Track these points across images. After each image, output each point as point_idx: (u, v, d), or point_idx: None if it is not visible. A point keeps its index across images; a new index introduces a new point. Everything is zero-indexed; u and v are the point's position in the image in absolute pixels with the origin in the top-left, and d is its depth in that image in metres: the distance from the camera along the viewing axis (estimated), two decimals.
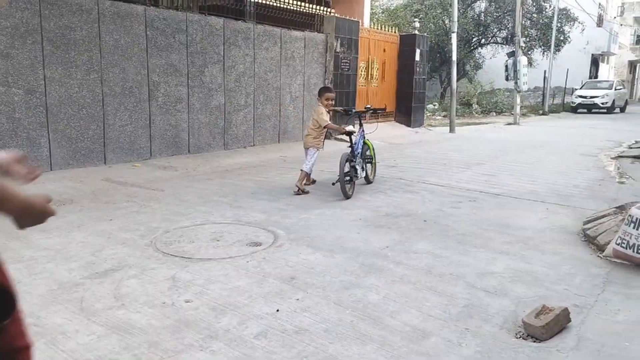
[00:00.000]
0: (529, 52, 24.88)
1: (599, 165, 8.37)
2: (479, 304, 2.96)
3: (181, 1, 8.52)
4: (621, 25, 38.18)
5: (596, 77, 32.77)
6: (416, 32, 14.22)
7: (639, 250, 3.49)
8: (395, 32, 14.25)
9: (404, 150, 9.98)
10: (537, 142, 11.58)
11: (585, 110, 24.76)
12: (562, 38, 25.26)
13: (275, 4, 10.04)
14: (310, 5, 10.93)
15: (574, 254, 3.89)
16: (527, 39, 24.22)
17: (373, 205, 5.29)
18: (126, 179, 6.31)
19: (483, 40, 26.59)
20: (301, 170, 5.94)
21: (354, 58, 11.45)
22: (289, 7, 10.32)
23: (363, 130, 6.35)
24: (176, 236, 4.08)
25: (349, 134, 5.99)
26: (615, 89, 25.22)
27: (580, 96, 24.80)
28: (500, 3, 24.87)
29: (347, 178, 5.63)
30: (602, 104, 24.16)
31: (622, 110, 26.13)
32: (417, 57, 13.89)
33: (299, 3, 10.84)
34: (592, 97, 24.37)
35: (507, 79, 17.96)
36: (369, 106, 6.88)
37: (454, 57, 14.57)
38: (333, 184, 5.73)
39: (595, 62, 34.20)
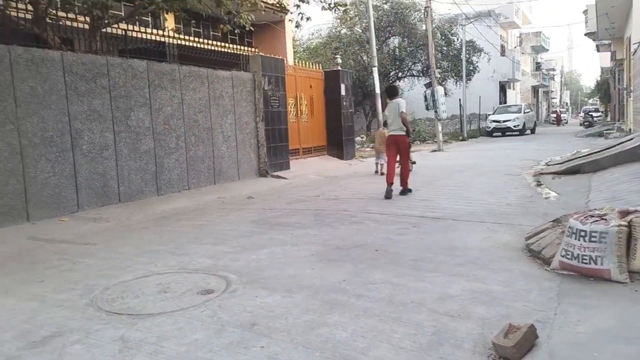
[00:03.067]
0: (443, 83, 26.35)
1: (524, 184, 8.85)
2: (446, 329, 2.94)
3: (100, 45, 8.21)
4: (522, 53, 41.60)
5: (505, 102, 35.27)
6: (339, 67, 14.62)
7: (584, 260, 3.64)
8: (319, 68, 14.58)
9: (341, 182, 10.07)
10: (463, 166, 12.11)
11: (499, 134, 26.44)
12: (471, 68, 27.03)
13: (198, 46, 9.96)
14: (234, 46, 10.97)
15: (523, 269, 4.00)
16: (441, 70, 25.67)
17: (321, 240, 5.21)
18: (54, 235, 5.83)
19: (400, 73, 27.86)
20: (381, 164, 11.04)
21: (282, 95, 11.53)
22: (212, 48, 10.28)
23: None
24: (118, 292, 3.77)
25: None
26: (524, 112, 27.26)
27: (494, 121, 26.51)
28: (412, 38, 26.27)
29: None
30: (514, 126, 25.94)
31: (532, 131, 28.21)
32: (343, 92, 14.25)
33: (222, 44, 10.84)
34: (504, 121, 26.13)
35: (427, 109, 18.84)
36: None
37: (377, 90, 15.09)
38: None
39: (502, 88, 36.86)
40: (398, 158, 8.08)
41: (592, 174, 8.84)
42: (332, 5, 9.31)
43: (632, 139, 10.71)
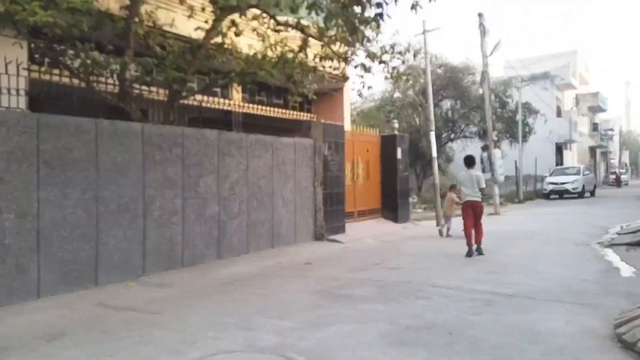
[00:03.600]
0: (498, 144, 25.99)
1: (596, 255, 8.40)
2: None
3: (177, 117, 8.65)
4: (582, 115, 40.67)
5: (561, 163, 34.25)
6: (396, 132, 14.73)
7: None
8: (376, 132, 14.75)
9: (400, 248, 9.89)
10: (526, 232, 11.68)
11: (557, 196, 25.49)
12: (527, 129, 26.63)
13: (262, 114, 10.35)
14: (294, 113, 11.31)
15: None
16: (496, 132, 25.42)
17: (390, 316, 5.04)
18: (121, 302, 5.94)
19: (453, 135, 27.76)
20: (447, 228, 11.53)
21: (340, 160, 11.67)
22: (274, 115, 10.64)
23: None
24: None
25: None
26: (583, 174, 26.30)
27: (552, 183, 25.68)
28: (465, 101, 26.32)
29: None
30: (573, 189, 24.99)
31: (592, 194, 27.06)
32: (399, 155, 14.28)
33: (283, 111, 11.23)
34: (562, 183, 25.26)
35: (483, 171, 18.51)
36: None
37: (434, 154, 15.10)
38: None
39: (559, 149, 35.93)
40: None
41: None
42: (394, 75, 9.52)
43: None
